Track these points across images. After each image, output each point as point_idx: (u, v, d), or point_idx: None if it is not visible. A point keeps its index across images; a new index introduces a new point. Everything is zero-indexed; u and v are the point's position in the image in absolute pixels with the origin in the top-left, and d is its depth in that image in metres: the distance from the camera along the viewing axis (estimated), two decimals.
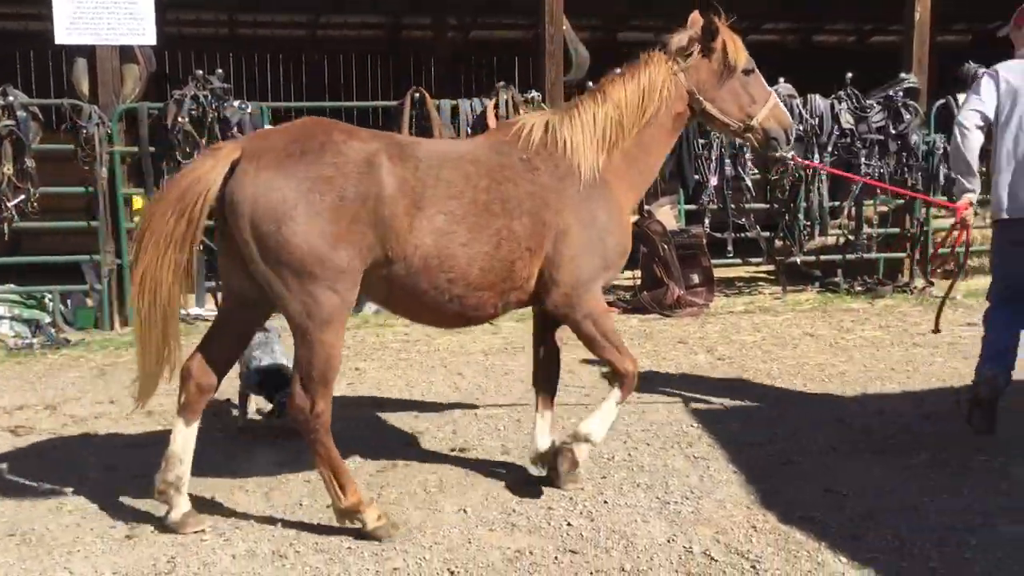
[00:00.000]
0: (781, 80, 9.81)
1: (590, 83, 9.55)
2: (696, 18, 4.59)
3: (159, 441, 5.07)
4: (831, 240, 10.18)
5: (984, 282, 9.97)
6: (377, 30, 17.19)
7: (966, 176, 5.15)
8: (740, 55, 4.52)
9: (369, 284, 3.87)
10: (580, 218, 4.14)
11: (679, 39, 4.51)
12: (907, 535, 3.84)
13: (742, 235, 9.65)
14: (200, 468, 4.65)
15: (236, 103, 8.27)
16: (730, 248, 9.59)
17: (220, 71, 8.55)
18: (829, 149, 9.52)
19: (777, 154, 4.81)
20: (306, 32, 16.75)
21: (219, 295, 8.52)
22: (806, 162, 8.83)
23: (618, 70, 4.51)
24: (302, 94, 17.15)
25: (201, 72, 8.34)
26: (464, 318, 4.16)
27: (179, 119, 7.99)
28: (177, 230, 3.65)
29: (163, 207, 3.68)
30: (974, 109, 5.09)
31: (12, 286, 8.41)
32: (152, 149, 8.07)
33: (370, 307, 9.06)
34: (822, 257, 10.08)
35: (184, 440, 3.97)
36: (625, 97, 4.36)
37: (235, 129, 8.18)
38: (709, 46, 4.47)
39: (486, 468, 4.69)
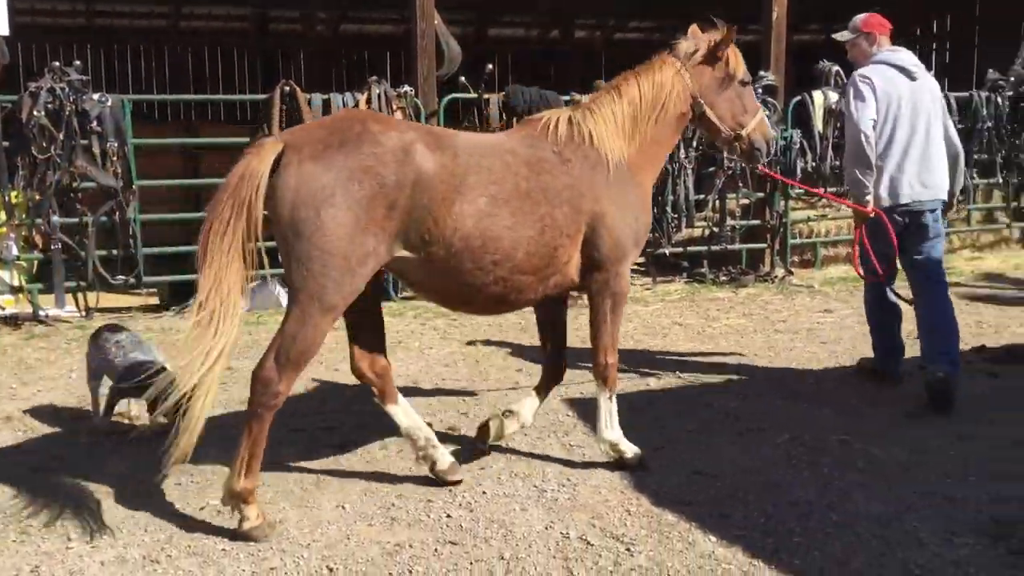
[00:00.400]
0: None
1: (462, 78, 9.63)
2: (695, 30, 4.88)
3: (14, 448, 4.87)
4: (697, 232, 10.51)
5: (840, 271, 10.52)
6: (243, 22, 16.79)
7: (868, 177, 5.56)
8: (740, 66, 4.84)
9: (405, 268, 4.10)
10: (615, 202, 4.42)
11: (688, 45, 4.77)
12: (772, 512, 4.02)
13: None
14: (64, 472, 4.49)
15: (95, 96, 7.93)
16: None
17: (78, 63, 8.18)
18: (694, 144, 9.82)
19: (758, 164, 5.12)
20: (168, 23, 16.22)
21: (78, 296, 8.22)
22: (791, 181, 9.37)
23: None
24: (165, 87, 16.60)
25: (58, 64, 7.96)
26: (505, 302, 4.34)
27: (35, 112, 7.61)
28: (237, 226, 3.76)
29: (220, 208, 3.79)
30: (870, 117, 5.54)
31: None
32: (6, 144, 7.68)
33: (242, 305, 8.86)
34: (689, 249, 10.39)
35: (405, 413, 4.42)
36: (639, 95, 4.61)
37: (94, 123, 7.85)
38: (715, 55, 4.73)
39: (365, 464, 4.67)
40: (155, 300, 9.27)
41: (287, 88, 8.40)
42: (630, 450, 4.56)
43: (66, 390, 6.04)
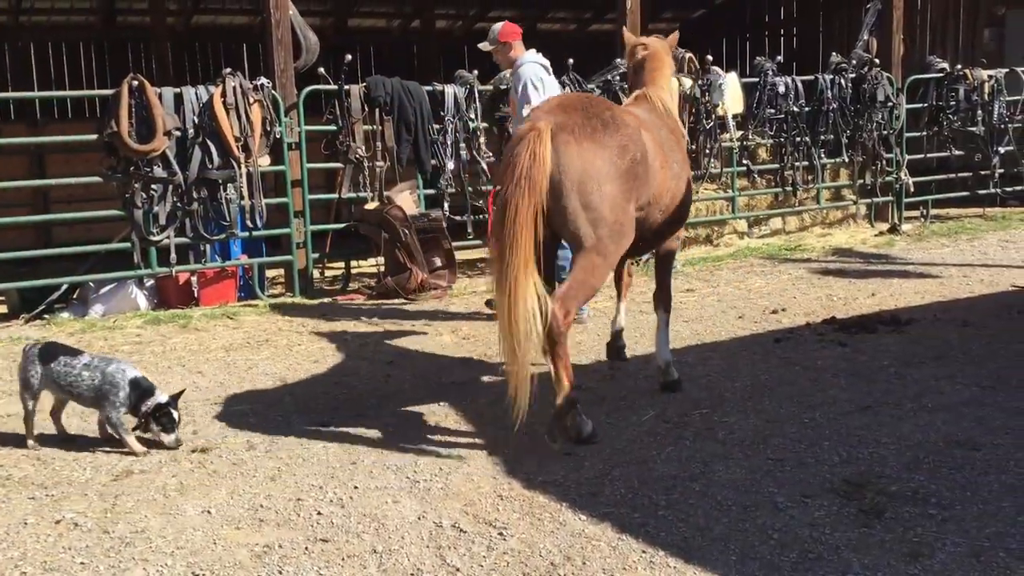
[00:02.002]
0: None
1: (321, 69, 9.48)
2: (629, 37, 6.05)
3: None
4: None
5: (700, 252, 10.84)
6: (89, 15, 16.05)
7: None
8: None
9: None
10: (688, 169, 5.49)
11: (678, 53, 5.65)
12: (638, 487, 4.13)
13: (481, 217, 9.88)
14: None
15: None
16: (470, 230, 9.81)
17: None
18: None
19: None
20: (8, 17, 15.36)
21: None
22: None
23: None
24: (7, 83, 15.73)
25: None
26: (652, 247, 5.56)
27: None
28: (533, 203, 4.34)
29: (518, 188, 4.34)
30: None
31: None
32: None
33: (96, 310, 8.51)
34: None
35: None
36: (668, 89, 5.64)
37: None
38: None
39: (230, 466, 4.56)
40: (3, 309, 8.79)
41: (135, 82, 8.07)
42: (673, 372, 5.50)
43: None
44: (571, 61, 10.27)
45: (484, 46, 7.40)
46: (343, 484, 4.29)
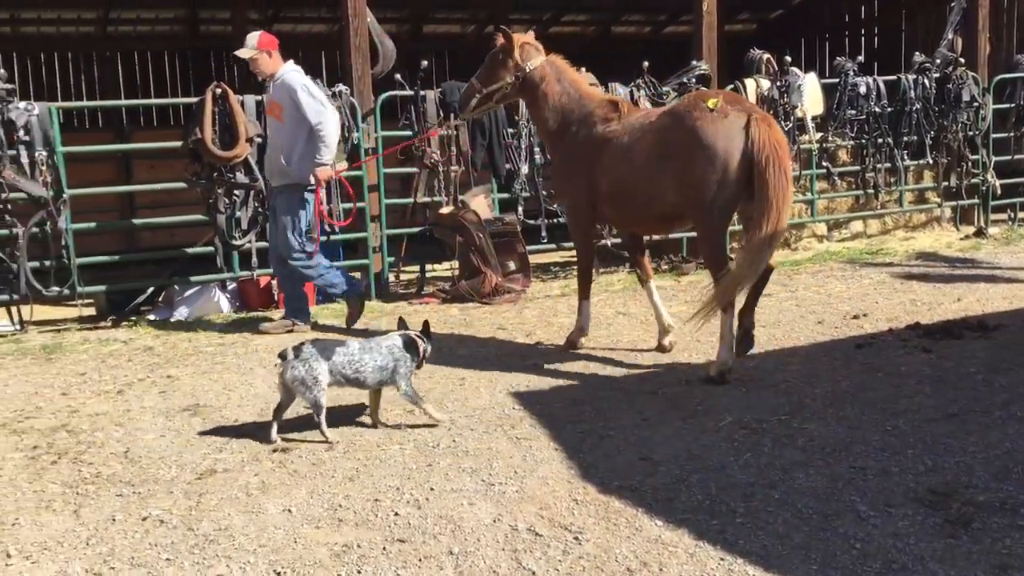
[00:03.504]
0: (582, 69, 10.10)
1: (397, 75, 9.59)
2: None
3: None
4: None
5: (779, 256, 10.68)
6: (173, 24, 16.50)
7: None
8: None
9: None
10: None
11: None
12: (716, 494, 4.08)
13: (555, 221, 9.89)
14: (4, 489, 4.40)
15: (22, 104, 7.75)
16: (544, 234, 9.82)
17: (2, 72, 7.96)
18: None
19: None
20: (96, 28, 15.88)
21: (11, 309, 8.03)
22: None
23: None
24: (95, 93, 16.25)
25: None
26: None
27: None
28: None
29: (785, 161, 5.67)
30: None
31: None
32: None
33: (181, 312, 8.74)
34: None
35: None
36: None
37: (21, 132, 7.66)
38: None
39: (310, 466, 4.63)
40: (91, 311, 9.08)
41: (219, 90, 8.29)
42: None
43: (1, 404, 5.90)
44: (646, 64, 10.22)
45: (243, 53, 7.47)
46: (419, 486, 4.32)
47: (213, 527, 3.94)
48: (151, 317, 8.64)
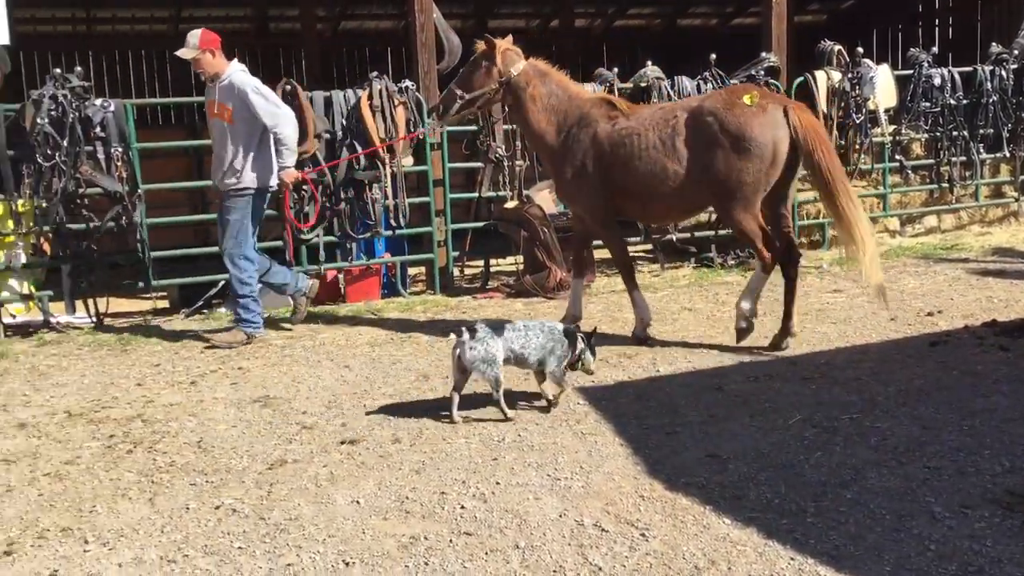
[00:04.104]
0: (648, 63, 10.06)
1: (462, 70, 9.60)
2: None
3: (32, 453, 4.90)
4: (704, 217, 10.47)
5: (841, 252, 10.48)
6: (243, 22, 16.79)
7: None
8: None
9: None
10: None
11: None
12: (786, 493, 4.03)
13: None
14: (80, 476, 4.52)
15: (98, 102, 7.95)
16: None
17: (79, 69, 8.18)
18: None
19: None
20: (168, 27, 16.24)
21: (88, 302, 8.25)
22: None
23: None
24: (167, 90, 16.61)
25: (59, 71, 7.97)
26: None
27: (38, 120, 7.62)
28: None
29: (825, 137, 6.43)
30: None
31: None
32: (11, 152, 7.70)
33: None
34: (696, 234, 10.36)
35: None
36: None
37: (98, 128, 7.87)
38: None
39: (377, 458, 4.68)
40: (165, 303, 9.30)
41: (288, 87, 8.40)
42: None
43: (79, 393, 6.08)
44: (713, 56, 10.10)
45: (184, 53, 7.18)
46: (485, 480, 4.34)
47: (283, 517, 4.00)
48: (222, 310, 8.80)
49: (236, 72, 7.16)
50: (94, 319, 8.29)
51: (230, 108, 7.10)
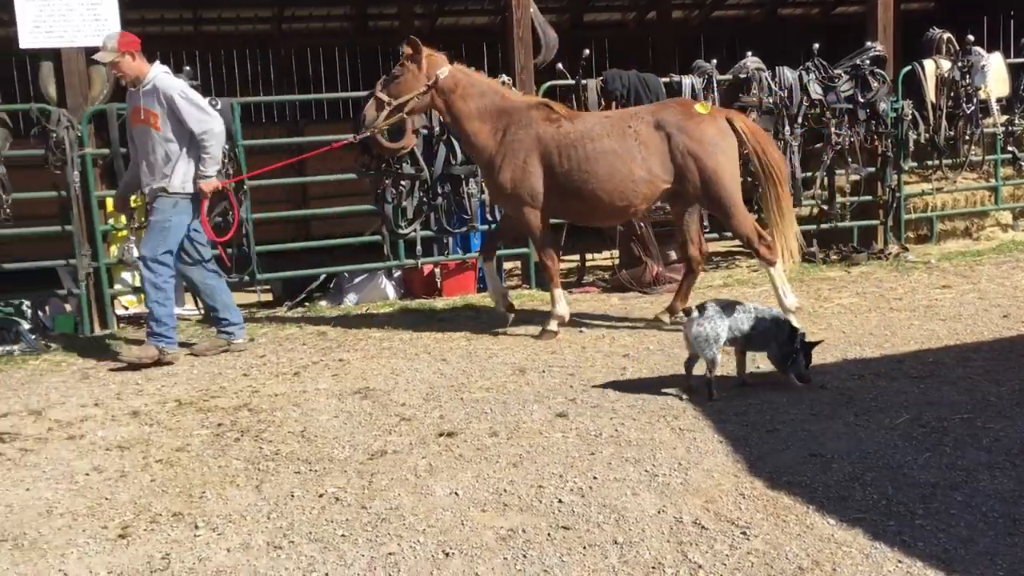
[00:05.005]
0: (749, 53, 9.87)
1: (559, 65, 9.61)
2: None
3: (144, 440, 5.10)
4: (805, 211, 10.25)
5: (959, 245, 10.15)
6: (343, 21, 17.08)
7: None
8: None
9: None
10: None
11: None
12: (893, 494, 3.91)
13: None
14: (192, 462, 4.69)
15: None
16: (706, 223, 9.63)
17: (188, 68, 8.46)
18: (799, 120, 9.58)
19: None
20: (271, 26, 16.62)
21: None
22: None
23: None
24: (271, 88, 17.02)
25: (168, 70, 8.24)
26: None
27: None
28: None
29: (767, 138, 7.33)
30: None
31: None
32: (124, 150, 7.99)
33: (350, 298, 9.07)
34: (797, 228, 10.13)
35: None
36: None
37: None
38: None
39: (475, 451, 4.72)
40: (269, 297, 9.55)
41: None
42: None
43: (188, 383, 6.29)
44: (816, 46, 9.86)
45: (102, 56, 6.82)
46: (582, 474, 4.33)
47: (384, 506, 4.07)
48: (323, 303, 9.01)
49: (160, 75, 6.83)
50: (201, 311, 8.57)
51: (157, 113, 6.75)
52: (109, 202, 8.43)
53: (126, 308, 8.78)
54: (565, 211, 7.43)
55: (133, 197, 8.17)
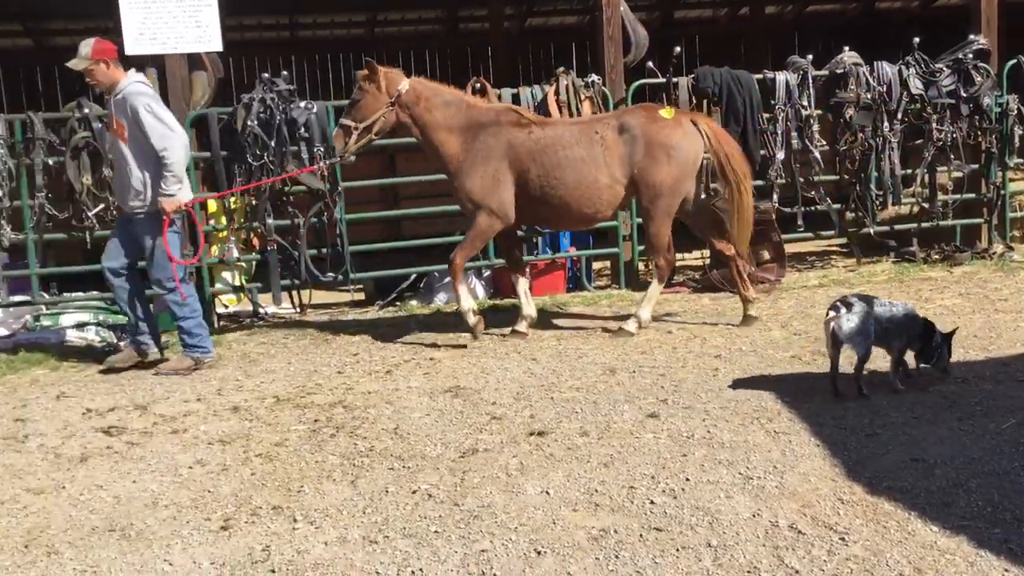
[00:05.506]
0: (846, 48, 9.65)
1: (649, 63, 9.55)
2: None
3: (244, 435, 5.24)
4: (905, 209, 9.97)
5: None
6: (434, 24, 17.27)
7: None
8: None
9: None
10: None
11: None
12: (999, 501, 3.79)
13: (812, 208, 9.51)
14: (288, 458, 4.80)
15: (302, 104, 8.38)
16: (800, 222, 9.46)
17: (285, 73, 8.66)
18: (899, 116, 9.33)
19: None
20: (365, 31, 16.91)
21: (293, 293, 8.74)
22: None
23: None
24: None
25: (267, 75, 8.45)
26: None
27: (248, 122, 8.12)
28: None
29: (730, 140, 7.43)
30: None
31: (95, 293, 8.68)
32: (224, 153, 8.24)
33: (440, 297, 9.16)
34: (896, 227, 9.88)
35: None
36: None
37: (302, 130, 8.29)
38: None
39: (565, 450, 4.72)
40: (361, 296, 9.71)
41: (478, 85, 8.60)
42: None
43: (286, 380, 6.44)
44: (916, 40, 9.58)
45: (75, 64, 6.63)
46: (674, 475, 4.30)
47: (476, 504, 4.11)
48: (413, 302, 9.12)
49: (131, 85, 6.61)
50: (298, 309, 8.77)
51: (123, 124, 6.59)
52: (211, 203, 8.70)
53: (226, 307, 9.05)
54: (533, 217, 7.53)
55: (233, 200, 8.41)
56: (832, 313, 5.19)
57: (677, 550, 3.59)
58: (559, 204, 7.09)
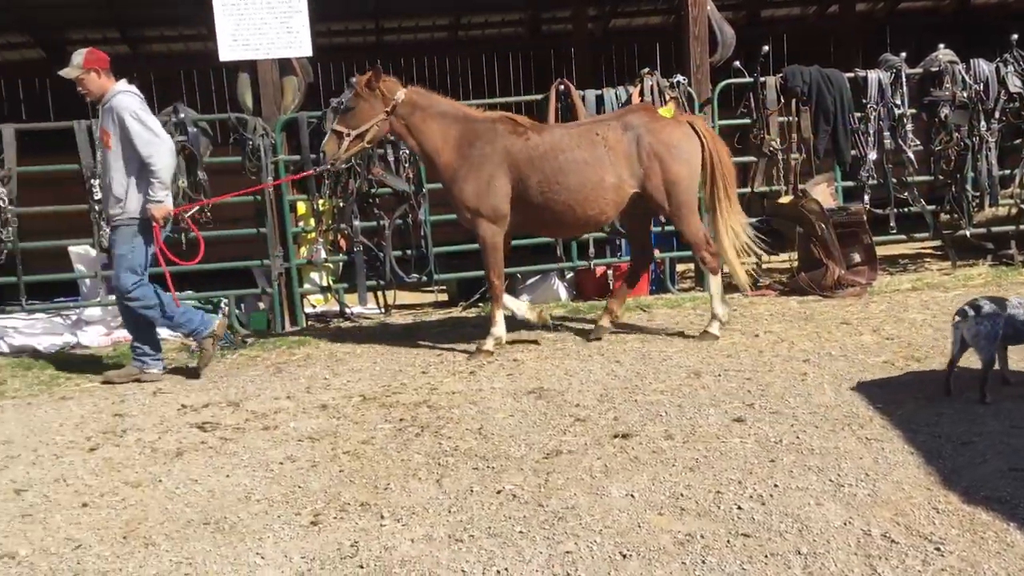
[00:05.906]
0: (941, 46, 9.39)
1: (736, 63, 9.42)
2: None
3: (332, 432, 5.34)
4: (1002, 210, 9.64)
5: None
6: (517, 26, 17.33)
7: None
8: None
9: None
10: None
11: None
12: None
13: (905, 210, 9.27)
14: (374, 455, 4.88)
15: None
16: (893, 224, 9.23)
17: None
18: (996, 115, 9.03)
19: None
20: (448, 34, 17.07)
21: (378, 294, 8.87)
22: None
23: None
24: (447, 93, 17.48)
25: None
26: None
27: None
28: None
29: (722, 145, 7.33)
30: None
31: (190, 292, 8.94)
32: (313, 156, 8.40)
33: (523, 298, 9.18)
34: (993, 229, 9.56)
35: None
36: None
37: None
38: None
39: (650, 453, 4.69)
40: (444, 297, 9.80)
41: (562, 87, 8.61)
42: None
43: (372, 379, 6.54)
44: (1015, 37, 9.26)
45: (67, 72, 6.69)
46: (762, 481, 4.23)
47: (561, 505, 4.11)
48: None
49: (118, 94, 6.67)
50: (383, 310, 8.90)
51: (110, 133, 6.66)
52: (300, 206, 8.88)
53: (314, 307, 9.23)
54: (534, 224, 7.40)
55: (322, 202, 8.58)
56: (958, 318, 5.10)
57: (765, 557, 3.54)
58: (562, 208, 7.00)
